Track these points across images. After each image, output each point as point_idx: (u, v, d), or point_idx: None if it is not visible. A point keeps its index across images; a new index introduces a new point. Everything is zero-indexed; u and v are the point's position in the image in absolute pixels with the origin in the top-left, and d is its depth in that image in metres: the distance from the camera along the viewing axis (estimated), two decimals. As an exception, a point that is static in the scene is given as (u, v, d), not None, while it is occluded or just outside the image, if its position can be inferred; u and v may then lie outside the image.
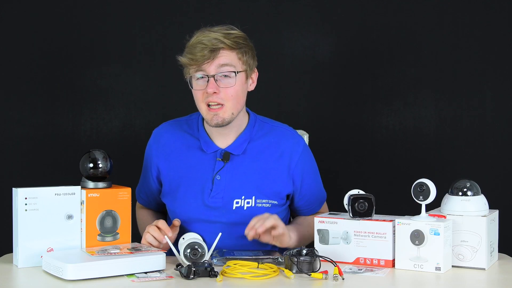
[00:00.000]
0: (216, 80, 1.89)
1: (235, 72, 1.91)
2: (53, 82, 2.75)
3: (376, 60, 2.71)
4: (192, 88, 1.94)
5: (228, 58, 1.90)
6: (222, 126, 1.93)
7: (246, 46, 1.94)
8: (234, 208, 1.96)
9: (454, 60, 2.67)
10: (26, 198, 1.73)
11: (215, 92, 1.89)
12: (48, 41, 2.74)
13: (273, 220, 1.84)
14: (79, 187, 1.80)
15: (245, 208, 1.96)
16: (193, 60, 1.89)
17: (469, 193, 1.78)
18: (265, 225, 1.83)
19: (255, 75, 2.01)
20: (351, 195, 1.82)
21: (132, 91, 2.77)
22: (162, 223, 1.87)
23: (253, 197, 1.97)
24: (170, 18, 2.75)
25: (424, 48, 2.68)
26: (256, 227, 1.82)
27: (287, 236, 1.89)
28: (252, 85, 2.01)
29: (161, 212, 2.16)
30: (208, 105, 1.91)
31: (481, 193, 1.80)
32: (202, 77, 1.90)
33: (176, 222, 1.95)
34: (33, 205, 1.74)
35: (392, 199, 2.33)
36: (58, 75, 2.75)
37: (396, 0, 2.70)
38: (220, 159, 1.98)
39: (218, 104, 1.90)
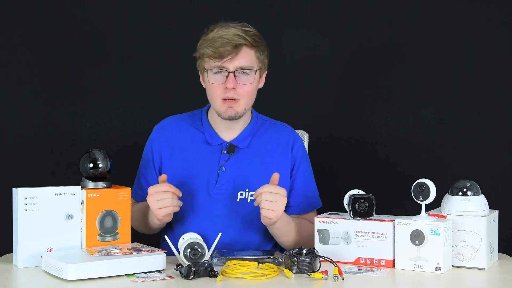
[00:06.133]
0: (235, 76, 1.92)
1: (254, 70, 1.94)
2: (53, 82, 2.75)
3: (376, 60, 2.71)
4: (207, 80, 1.95)
5: (248, 56, 1.93)
6: (234, 119, 1.96)
7: (263, 45, 1.99)
8: (238, 200, 1.97)
9: (454, 60, 2.67)
10: (26, 198, 1.73)
11: (233, 88, 1.91)
12: (48, 41, 2.73)
13: (279, 204, 1.81)
14: (79, 187, 1.80)
15: (249, 200, 1.98)
16: (216, 53, 1.90)
17: (469, 193, 1.78)
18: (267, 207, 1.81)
19: (265, 74, 2.04)
20: (352, 195, 1.82)
21: (132, 91, 2.77)
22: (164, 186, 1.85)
23: None
24: (170, 18, 2.75)
25: (424, 48, 2.68)
26: (259, 199, 1.81)
27: (276, 221, 1.85)
28: (261, 83, 2.04)
29: None
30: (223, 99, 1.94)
31: (481, 193, 1.80)
32: (220, 72, 1.92)
33: (163, 177, 1.89)
34: (33, 205, 1.73)
35: (392, 199, 2.32)
36: (58, 75, 2.75)
37: (396, 0, 2.70)
38: (225, 152, 1.99)
39: (234, 99, 1.93)
